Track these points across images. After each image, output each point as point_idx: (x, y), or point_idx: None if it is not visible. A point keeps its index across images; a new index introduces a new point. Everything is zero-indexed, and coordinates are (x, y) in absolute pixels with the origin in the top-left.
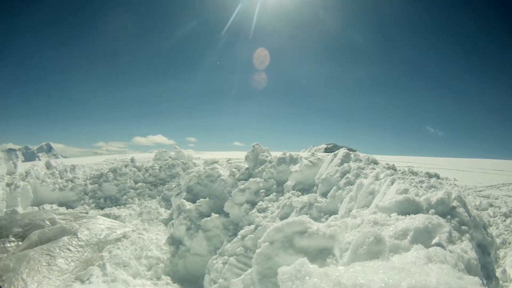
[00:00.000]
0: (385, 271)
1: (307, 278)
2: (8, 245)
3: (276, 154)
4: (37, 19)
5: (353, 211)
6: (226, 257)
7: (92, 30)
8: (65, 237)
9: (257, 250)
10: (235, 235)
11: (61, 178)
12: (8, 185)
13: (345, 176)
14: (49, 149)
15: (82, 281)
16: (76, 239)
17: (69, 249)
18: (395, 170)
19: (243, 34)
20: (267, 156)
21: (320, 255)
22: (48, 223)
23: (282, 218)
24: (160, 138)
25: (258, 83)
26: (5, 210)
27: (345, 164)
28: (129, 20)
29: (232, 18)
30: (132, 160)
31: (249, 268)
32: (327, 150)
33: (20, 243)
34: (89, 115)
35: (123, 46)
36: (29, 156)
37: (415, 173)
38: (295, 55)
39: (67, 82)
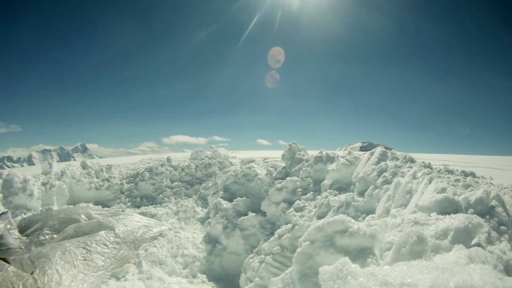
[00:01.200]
0: (430, 271)
1: (349, 277)
2: (43, 238)
3: (312, 153)
4: (70, 21)
5: (393, 210)
6: (262, 256)
7: (127, 34)
8: (102, 232)
9: (298, 249)
10: (272, 234)
11: (97, 177)
12: (43, 184)
13: (382, 175)
14: (84, 150)
15: (118, 278)
16: (113, 235)
17: (105, 245)
18: (431, 168)
19: (271, 31)
20: (303, 155)
21: (361, 254)
22: (84, 217)
23: (319, 218)
24: (184, 138)
25: (289, 82)
26: (40, 208)
27: (382, 163)
28: (159, 26)
29: (256, 19)
30: (168, 159)
31: (285, 268)
32: (362, 149)
33: (55, 236)
34: (123, 116)
35: (155, 51)
36: (64, 157)
37: (450, 172)
38: (328, 54)
39: (99, 84)
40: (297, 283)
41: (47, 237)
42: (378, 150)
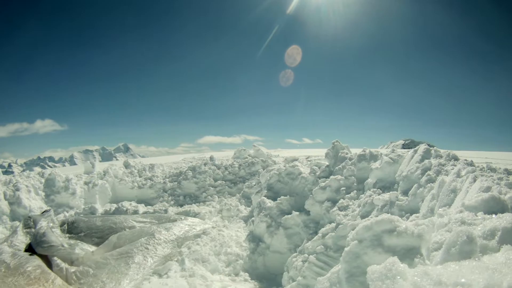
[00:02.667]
0: (481, 271)
1: (398, 277)
2: (88, 248)
3: (355, 151)
4: (114, 21)
5: (439, 210)
6: (306, 255)
7: (162, 35)
8: (143, 239)
9: (346, 248)
10: (316, 233)
11: (140, 176)
12: (86, 183)
13: (426, 173)
14: (126, 150)
15: (160, 276)
16: (154, 239)
17: (147, 248)
18: (474, 166)
19: (299, 29)
20: (347, 153)
21: (408, 254)
22: (128, 230)
23: (363, 217)
24: (217, 138)
25: (328, 80)
26: (83, 207)
27: (426, 161)
28: (194, 26)
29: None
30: (211, 158)
31: (328, 267)
32: (404, 146)
33: (97, 239)
34: (162, 117)
35: (189, 54)
36: (106, 157)
37: (493, 170)
38: (366, 51)
39: (137, 86)
40: (344, 283)
41: (90, 243)
42: (422, 147)
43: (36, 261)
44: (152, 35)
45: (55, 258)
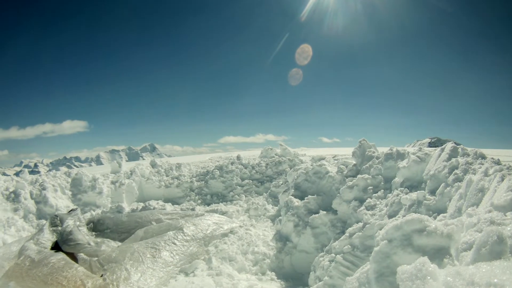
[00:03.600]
0: None
1: (428, 278)
2: (114, 244)
3: (382, 149)
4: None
5: (468, 209)
6: (332, 254)
7: (187, 37)
8: (171, 232)
9: (375, 248)
10: (343, 232)
11: (167, 176)
12: (113, 183)
13: (453, 172)
14: (153, 149)
15: (187, 274)
16: (182, 234)
17: (174, 243)
18: (501, 165)
19: (326, 26)
20: (374, 152)
21: (437, 254)
22: (154, 223)
23: (390, 216)
24: (236, 138)
25: (352, 78)
26: (110, 206)
27: (453, 159)
28: (218, 28)
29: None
30: (238, 157)
31: (355, 267)
32: (431, 145)
33: (124, 235)
34: (186, 117)
35: (212, 54)
36: (133, 156)
37: None
38: (392, 48)
39: (160, 87)
40: (374, 283)
41: (116, 239)
42: (449, 146)
43: (61, 255)
44: (177, 38)
45: (81, 254)
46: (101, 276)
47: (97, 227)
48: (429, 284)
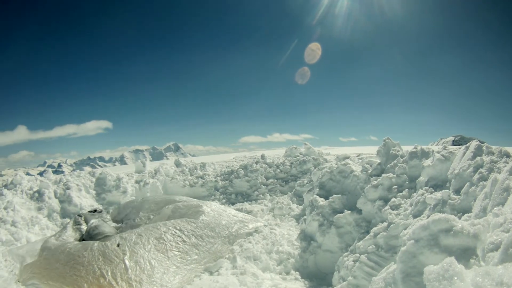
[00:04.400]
0: None
1: (455, 278)
2: (139, 220)
3: (406, 148)
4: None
5: (494, 209)
6: (357, 254)
7: (211, 40)
8: (199, 219)
9: (402, 248)
10: (367, 232)
11: (191, 175)
12: (137, 182)
13: (478, 171)
14: (177, 149)
15: (211, 273)
16: (208, 229)
17: (201, 237)
18: None
19: (349, 25)
20: (398, 151)
21: (464, 255)
22: (182, 203)
23: (415, 216)
24: (255, 138)
25: (373, 76)
26: None
27: (478, 158)
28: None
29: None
30: (263, 156)
31: (379, 267)
32: (454, 143)
33: (152, 216)
34: (208, 117)
35: (233, 56)
36: (157, 156)
37: None
38: (415, 45)
39: (182, 87)
40: (400, 283)
41: (143, 218)
42: (473, 144)
43: (78, 242)
44: (199, 40)
45: (108, 244)
46: (118, 245)
47: (122, 213)
48: (456, 284)
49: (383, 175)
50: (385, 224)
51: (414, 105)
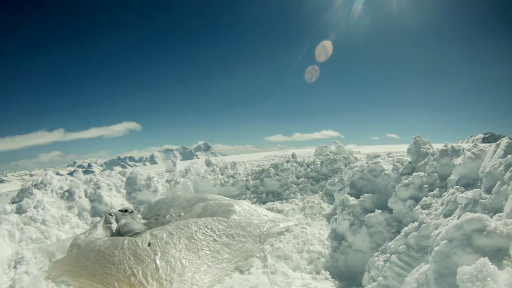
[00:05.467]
0: None
1: (489, 279)
2: (169, 217)
3: (436, 146)
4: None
5: None
6: (387, 254)
7: (236, 42)
8: (230, 218)
9: (435, 248)
10: (398, 232)
11: (222, 174)
12: (167, 181)
13: (510, 169)
14: (207, 148)
15: (241, 272)
16: (239, 228)
17: (232, 236)
18: None
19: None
20: (429, 149)
21: (497, 255)
22: (213, 201)
23: (445, 216)
24: (278, 137)
25: (401, 74)
26: None
27: (509, 156)
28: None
29: None
30: (293, 155)
31: (410, 268)
32: (484, 140)
33: (183, 213)
34: (235, 116)
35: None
36: (187, 155)
37: None
38: (442, 40)
39: (211, 88)
40: (433, 284)
41: (174, 215)
42: (504, 141)
43: (108, 238)
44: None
45: (138, 241)
46: (149, 245)
47: (153, 211)
48: (490, 285)
49: (414, 173)
50: (416, 223)
51: (442, 102)
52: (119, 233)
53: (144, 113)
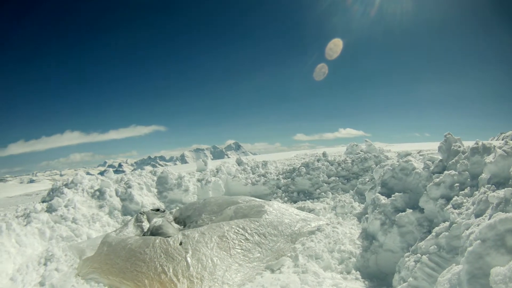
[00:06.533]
0: None
1: None
2: (201, 222)
3: (467, 143)
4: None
5: None
6: (418, 255)
7: (279, 42)
8: (262, 218)
9: (469, 248)
10: (429, 232)
11: (253, 173)
12: (199, 180)
13: None
14: (238, 147)
15: (272, 271)
16: (271, 227)
17: (264, 235)
18: None
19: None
20: (459, 147)
21: None
22: (244, 203)
23: (477, 216)
24: (300, 136)
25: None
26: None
27: None
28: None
29: None
30: (324, 154)
31: (440, 269)
32: None
33: (214, 218)
34: (264, 116)
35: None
36: (218, 155)
37: None
38: (468, 41)
39: (238, 87)
40: (466, 285)
41: (205, 220)
42: None
43: (139, 237)
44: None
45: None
46: (180, 243)
47: (185, 215)
48: None
49: (445, 172)
50: (447, 223)
51: (472, 98)
52: (151, 234)
53: (173, 113)
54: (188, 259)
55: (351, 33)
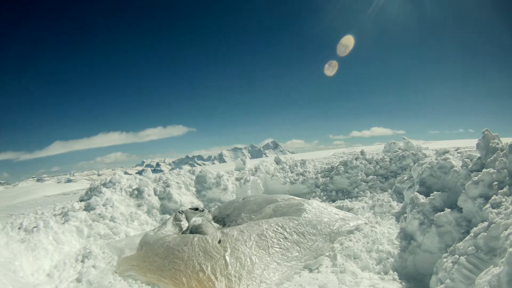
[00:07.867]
0: None
1: None
2: (240, 220)
3: (505, 140)
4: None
5: None
6: (456, 256)
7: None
8: (302, 216)
9: (509, 249)
10: (467, 232)
11: (292, 172)
12: (237, 179)
13: None
14: (275, 146)
15: (311, 270)
16: (310, 226)
17: (303, 234)
18: None
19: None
20: (497, 144)
21: None
22: (284, 202)
23: None
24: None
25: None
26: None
27: None
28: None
29: None
30: (362, 152)
31: (478, 271)
32: None
33: (253, 216)
34: (301, 115)
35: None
36: (256, 153)
37: None
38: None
39: (277, 87)
40: (506, 287)
41: (245, 219)
42: None
43: (177, 235)
44: (299, 45)
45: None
46: (219, 242)
47: (224, 213)
48: None
49: (484, 170)
50: (486, 224)
51: (508, 93)
52: (191, 233)
53: (211, 113)
54: (227, 257)
55: (383, 34)
